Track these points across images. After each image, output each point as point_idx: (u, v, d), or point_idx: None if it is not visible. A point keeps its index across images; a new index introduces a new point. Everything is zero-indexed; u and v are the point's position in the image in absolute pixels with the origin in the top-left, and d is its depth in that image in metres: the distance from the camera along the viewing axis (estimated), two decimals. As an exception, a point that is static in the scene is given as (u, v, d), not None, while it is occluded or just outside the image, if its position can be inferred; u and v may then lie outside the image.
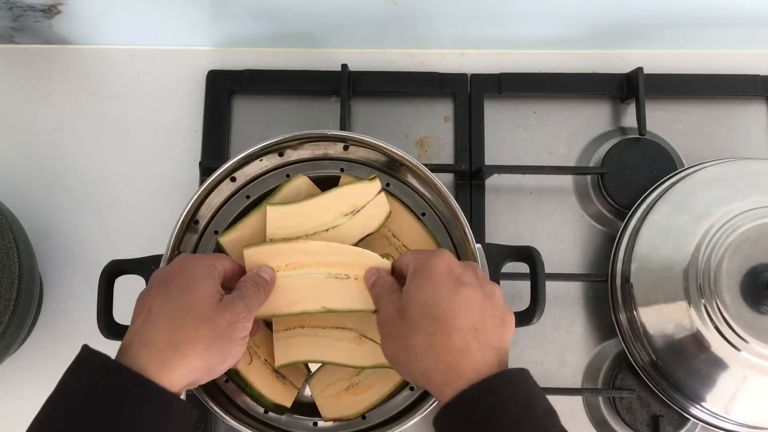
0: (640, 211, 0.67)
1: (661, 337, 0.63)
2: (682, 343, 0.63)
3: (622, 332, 0.67)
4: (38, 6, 0.71)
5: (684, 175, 0.67)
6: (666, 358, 0.63)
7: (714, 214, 0.63)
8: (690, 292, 0.62)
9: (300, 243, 0.57)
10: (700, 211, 0.64)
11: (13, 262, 0.62)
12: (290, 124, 0.75)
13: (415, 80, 0.75)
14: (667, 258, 0.64)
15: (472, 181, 0.72)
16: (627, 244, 0.67)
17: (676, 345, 0.63)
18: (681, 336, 0.62)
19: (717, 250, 0.62)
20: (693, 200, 0.65)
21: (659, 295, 0.64)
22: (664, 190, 0.67)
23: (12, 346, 0.66)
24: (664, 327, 0.63)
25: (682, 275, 0.62)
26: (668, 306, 0.63)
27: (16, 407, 0.70)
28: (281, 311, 0.57)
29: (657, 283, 0.64)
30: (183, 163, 0.74)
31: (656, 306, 0.64)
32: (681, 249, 0.63)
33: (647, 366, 0.65)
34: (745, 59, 0.76)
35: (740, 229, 0.62)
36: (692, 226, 0.63)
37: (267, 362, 0.61)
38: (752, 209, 0.63)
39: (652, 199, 0.67)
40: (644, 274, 0.65)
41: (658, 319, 0.63)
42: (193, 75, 0.76)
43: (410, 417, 0.58)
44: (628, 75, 0.74)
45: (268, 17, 0.73)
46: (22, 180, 0.74)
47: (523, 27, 0.74)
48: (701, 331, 0.61)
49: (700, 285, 0.61)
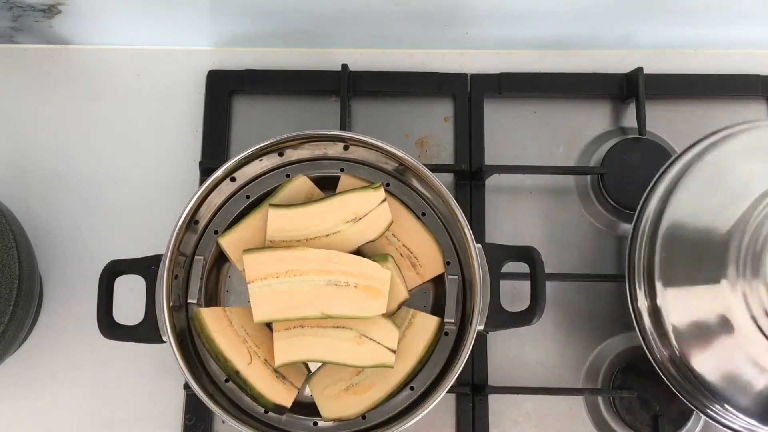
0: (660, 191, 0.61)
1: (687, 327, 0.57)
2: (712, 335, 0.56)
3: (641, 325, 0.60)
4: (38, 6, 0.71)
5: (708, 145, 0.60)
6: (690, 354, 0.57)
7: (754, 191, 0.55)
8: (726, 277, 0.54)
9: (300, 250, 0.57)
10: (736, 189, 0.56)
11: (13, 262, 0.62)
12: (290, 124, 0.75)
13: (415, 80, 0.75)
14: (700, 240, 0.56)
15: (472, 181, 0.72)
16: (648, 228, 0.60)
17: (703, 337, 0.56)
18: (711, 327, 0.56)
19: (760, 231, 0.54)
20: (726, 176, 0.57)
21: (688, 279, 0.57)
22: (689, 164, 0.59)
23: (12, 346, 0.66)
24: (692, 316, 0.56)
25: (716, 261, 0.55)
26: (698, 291, 0.56)
27: (16, 407, 0.70)
28: (280, 316, 0.58)
29: (686, 265, 0.57)
30: (183, 163, 0.74)
31: (684, 292, 0.57)
32: (715, 232, 0.55)
33: (666, 362, 0.59)
34: (745, 59, 0.76)
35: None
36: (728, 205, 0.56)
37: (267, 362, 0.61)
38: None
39: (674, 176, 0.60)
40: (672, 259, 0.58)
41: (685, 307, 0.57)
42: (193, 75, 0.76)
43: (410, 417, 0.57)
44: (628, 75, 0.74)
45: (268, 17, 0.73)
46: (22, 180, 0.74)
47: (523, 27, 0.74)
48: (735, 322, 0.54)
49: (739, 269, 0.54)
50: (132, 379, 0.70)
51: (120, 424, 0.69)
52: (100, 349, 0.70)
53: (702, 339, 0.57)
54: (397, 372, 0.60)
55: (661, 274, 0.58)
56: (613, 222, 0.72)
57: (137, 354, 0.67)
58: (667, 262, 0.58)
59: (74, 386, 0.70)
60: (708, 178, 0.58)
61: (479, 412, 0.67)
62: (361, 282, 0.57)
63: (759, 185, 0.55)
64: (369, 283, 0.57)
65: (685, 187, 0.59)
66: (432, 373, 0.61)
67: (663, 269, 0.58)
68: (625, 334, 0.70)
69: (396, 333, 0.58)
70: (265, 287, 0.58)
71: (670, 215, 0.58)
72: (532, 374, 0.70)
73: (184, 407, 0.68)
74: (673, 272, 0.58)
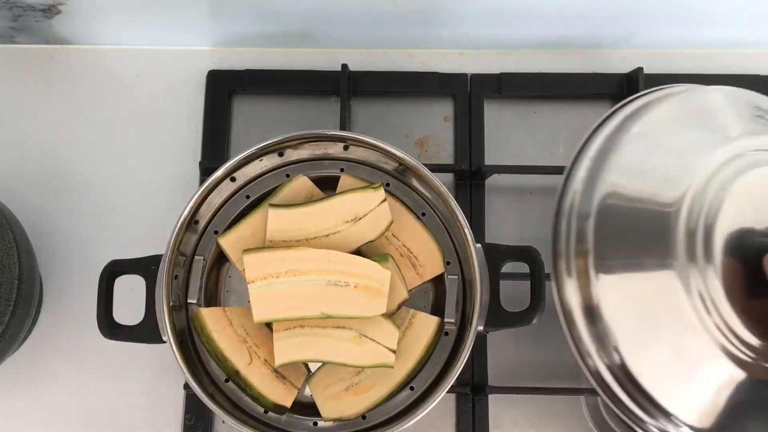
0: (585, 167, 0.51)
1: (628, 327, 0.45)
2: (659, 337, 0.45)
3: (571, 325, 0.49)
4: (38, 6, 0.71)
5: (630, 114, 0.50)
6: (634, 361, 0.46)
7: (695, 165, 0.46)
8: (672, 266, 0.44)
9: (300, 250, 0.57)
10: (673, 164, 0.47)
11: (13, 262, 0.62)
12: (290, 124, 0.75)
13: (415, 80, 0.75)
14: (638, 222, 0.46)
15: (472, 181, 0.72)
16: (576, 206, 0.50)
17: (649, 338, 0.45)
18: (658, 325, 0.45)
19: (711, 208, 0.44)
20: (658, 149, 0.48)
21: (627, 267, 0.46)
22: (613, 136, 0.49)
23: (12, 346, 0.66)
24: (634, 312, 0.46)
25: (660, 246, 0.45)
26: (639, 281, 0.45)
27: (16, 407, 0.70)
28: (280, 316, 0.58)
29: (624, 252, 0.46)
30: (183, 163, 0.74)
31: (623, 282, 0.46)
32: (656, 212, 0.46)
33: (603, 371, 0.48)
34: (745, 59, 0.76)
35: (733, 184, 0.45)
36: (667, 182, 0.46)
37: (267, 362, 0.61)
38: (736, 156, 0.45)
39: (600, 150, 0.50)
40: (607, 244, 0.47)
41: (625, 301, 0.46)
42: (193, 75, 0.76)
43: (410, 417, 0.57)
44: (628, 75, 0.74)
45: (268, 17, 0.73)
46: (22, 180, 0.74)
47: (522, 27, 0.74)
48: (687, 318, 0.44)
49: (688, 254, 0.44)
50: (132, 379, 0.70)
51: (120, 424, 0.69)
52: (100, 349, 0.70)
53: (647, 341, 0.45)
54: (397, 372, 0.60)
55: (595, 263, 0.47)
56: (613, 222, 0.72)
57: (137, 354, 0.67)
58: (601, 249, 0.47)
59: (74, 386, 0.70)
60: (640, 152, 0.49)
61: (479, 412, 0.67)
62: (361, 282, 0.57)
63: (698, 158, 0.46)
64: (369, 283, 0.57)
65: (616, 163, 0.49)
66: (432, 373, 0.61)
67: (597, 256, 0.47)
68: (625, 334, 0.70)
69: (396, 333, 0.58)
70: (265, 287, 0.58)
71: (601, 193, 0.48)
72: (532, 374, 0.69)
73: (184, 407, 0.68)
74: (608, 260, 0.46)
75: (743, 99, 0.50)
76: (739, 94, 0.51)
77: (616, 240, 0.46)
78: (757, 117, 0.48)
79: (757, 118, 0.48)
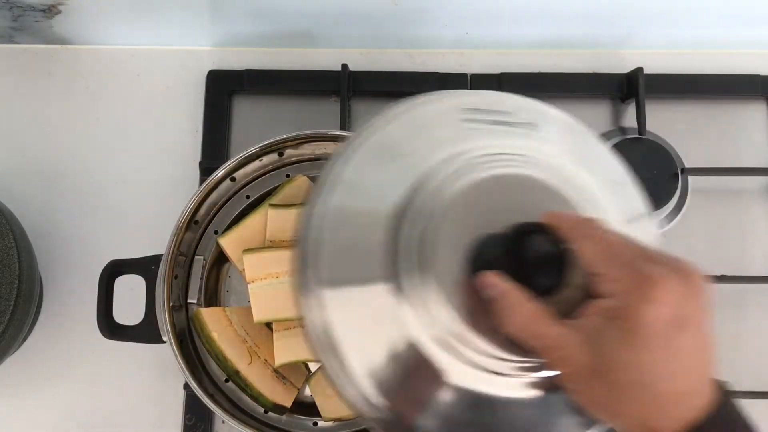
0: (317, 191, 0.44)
1: (365, 354, 0.41)
2: (399, 367, 0.41)
3: (317, 349, 0.42)
4: (38, 6, 0.71)
5: (365, 129, 0.45)
6: (386, 394, 0.41)
7: (407, 183, 0.43)
8: (390, 281, 0.41)
9: None
10: (384, 187, 0.44)
11: (13, 262, 0.62)
12: (290, 124, 0.75)
13: (415, 80, 0.75)
14: (354, 243, 0.43)
15: (472, 181, 0.72)
16: (307, 228, 0.44)
17: (390, 369, 0.41)
18: (394, 354, 0.41)
19: (416, 225, 0.41)
20: (375, 169, 0.44)
21: (351, 281, 0.42)
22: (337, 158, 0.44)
23: (12, 346, 0.66)
24: (366, 337, 0.42)
25: (377, 259, 0.41)
26: (364, 299, 0.42)
27: (16, 407, 0.70)
28: (280, 316, 0.58)
29: (345, 268, 0.42)
30: (183, 163, 0.74)
31: (351, 301, 0.42)
32: (370, 232, 0.42)
33: (361, 403, 0.41)
34: (745, 59, 0.76)
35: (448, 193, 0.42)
36: (381, 201, 0.43)
37: (267, 362, 0.61)
38: (448, 166, 0.43)
39: (328, 174, 0.45)
40: (332, 256, 0.42)
41: (355, 323, 0.42)
42: (193, 75, 0.76)
43: (410, 417, 0.57)
44: (628, 75, 0.74)
45: (268, 17, 0.73)
46: (22, 180, 0.74)
47: (523, 27, 0.74)
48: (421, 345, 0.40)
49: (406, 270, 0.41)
50: (132, 379, 0.70)
51: (120, 424, 0.69)
52: (100, 349, 0.70)
53: (390, 373, 0.41)
54: (397, 372, 0.60)
55: (320, 280, 0.42)
56: (613, 222, 0.72)
57: (137, 354, 0.67)
58: (327, 267, 0.42)
59: (74, 386, 0.70)
60: (362, 169, 0.45)
61: (479, 412, 0.67)
62: None
63: (413, 172, 0.44)
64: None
65: (341, 179, 0.45)
66: (432, 373, 0.61)
67: (322, 275, 0.42)
68: (625, 334, 0.70)
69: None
70: (265, 287, 0.58)
71: (325, 210, 0.44)
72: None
73: (184, 407, 0.68)
74: (334, 277, 0.42)
75: (455, 104, 0.49)
76: (454, 99, 0.49)
77: (341, 257, 0.43)
78: (466, 121, 0.46)
79: (467, 122, 0.47)
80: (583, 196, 0.44)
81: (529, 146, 0.46)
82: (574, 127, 0.50)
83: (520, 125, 0.47)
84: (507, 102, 0.49)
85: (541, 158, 0.45)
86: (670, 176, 0.71)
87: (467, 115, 0.47)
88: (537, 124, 0.48)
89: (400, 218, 0.42)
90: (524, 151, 0.45)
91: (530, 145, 0.46)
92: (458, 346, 0.40)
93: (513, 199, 0.42)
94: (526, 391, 0.42)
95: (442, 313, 0.40)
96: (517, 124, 0.47)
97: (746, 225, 0.72)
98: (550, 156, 0.45)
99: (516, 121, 0.47)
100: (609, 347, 0.36)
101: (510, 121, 0.47)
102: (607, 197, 0.46)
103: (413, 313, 0.41)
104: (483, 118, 0.47)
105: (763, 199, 0.73)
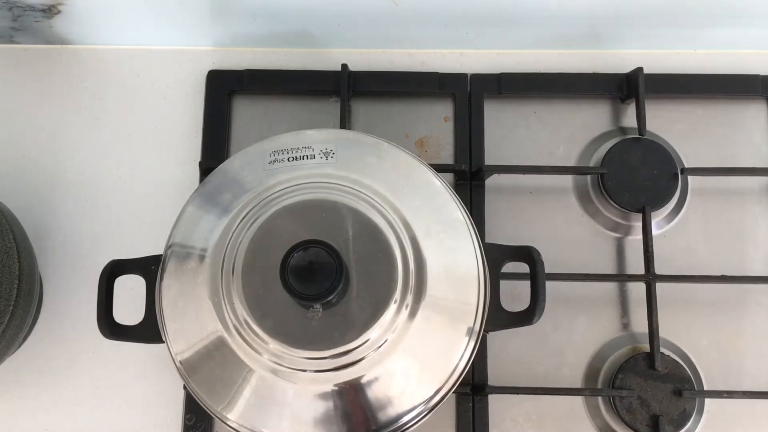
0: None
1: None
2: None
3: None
4: (38, 6, 0.71)
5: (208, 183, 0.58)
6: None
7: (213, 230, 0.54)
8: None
9: None
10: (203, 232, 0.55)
11: (13, 262, 0.62)
12: (290, 124, 0.75)
13: (415, 80, 0.75)
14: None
15: (472, 181, 0.72)
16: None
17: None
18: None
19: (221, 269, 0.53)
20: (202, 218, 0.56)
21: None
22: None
23: (12, 346, 0.66)
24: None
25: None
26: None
27: (16, 407, 0.70)
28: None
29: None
30: (183, 163, 0.74)
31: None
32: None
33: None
34: (745, 59, 0.76)
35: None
36: (200, 242, 0.55)
37: (267, 362, 0.61)
38: (248, 208, 0.53)
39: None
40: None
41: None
42: (193, 75, 0.76)
43: (410, 417, 0.57)
44: (628, 75, 0.74)
45: (268, 17, 0.73)
46: (22, 180, 0.74)
47: (522, 27, 0.74)
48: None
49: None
50: (132, 379, 0.70)
51: (120, 424, 0.69)
52: (100, 349, 0.70)
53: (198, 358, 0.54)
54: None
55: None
56: (613, 222, 0.72)
57: (137, 354, 0.67)
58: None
59: (74, 386, 0.70)
60: (190, 219, 0.57)
61: (479, 412, 0.67)
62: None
63: (219, 221, 0.54)
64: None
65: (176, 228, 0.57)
66: (432, 373, 0.61)
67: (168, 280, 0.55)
68: (625, 334, 0.70)
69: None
70: (265, 287, 0.58)
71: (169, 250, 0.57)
72: (532, 374, 0.70)
73: (184, 407, 0.68)
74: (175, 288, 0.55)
75: (261, 150, 0.57)
76: (260, 147, 0.58)
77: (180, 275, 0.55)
78: (271, 163, 0.56)
79: (270, 165, 0.56)
80: (376, 205, 0.52)
81: (325, 173, 0.54)
82: (379, 146, 0.57)
83: (318, 156, 0.55)
84: (305, 138, 0.57)
85: (333, 181, 0.53)
86: (669, 176, 0.70)
87: (272, 157, 0.56)
88: (334, 151, 0.55)
89: (221, 251, 0.53)
90: (320, 178, 0.54)
91: (326, 171, 0.54)
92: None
93: (310, 220, 0.51)
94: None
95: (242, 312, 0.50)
96: (316, 156, 0.55)
97: (746, 225, 0.72)
98: (342, 177, 0.54)
99: (314, 154, 0.55)
100: None
101: (308, 155, 0.55)
102: (407, 203, 0.54)
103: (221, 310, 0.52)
104: (284, 157, 0.56)
105: (763, 199, 0.73)
